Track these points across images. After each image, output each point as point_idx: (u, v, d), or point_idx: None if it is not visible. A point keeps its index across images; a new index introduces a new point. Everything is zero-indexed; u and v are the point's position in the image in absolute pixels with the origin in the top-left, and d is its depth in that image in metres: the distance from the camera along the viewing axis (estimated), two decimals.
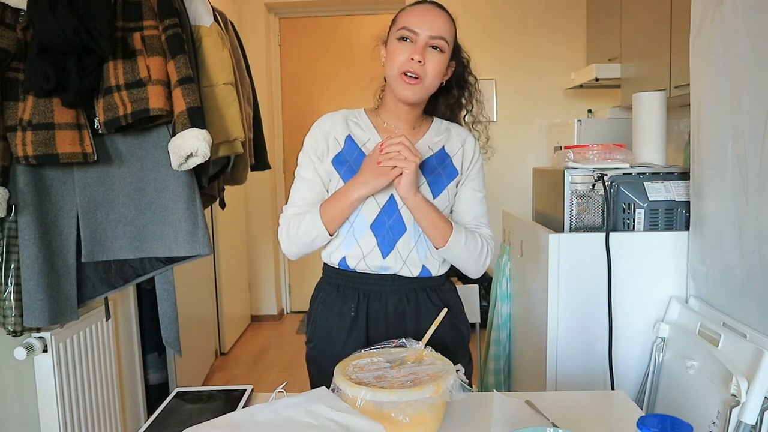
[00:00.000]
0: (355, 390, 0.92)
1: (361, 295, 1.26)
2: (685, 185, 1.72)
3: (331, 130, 1.25)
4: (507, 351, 2.33)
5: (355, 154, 1.23)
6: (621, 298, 1.70)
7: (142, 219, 1.66)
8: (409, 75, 1.15)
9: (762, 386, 1.24)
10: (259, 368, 3.41)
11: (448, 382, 0.93)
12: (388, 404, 0.89)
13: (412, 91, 1.17)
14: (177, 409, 1.11)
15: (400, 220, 1.22)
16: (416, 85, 1.16)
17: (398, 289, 1.25)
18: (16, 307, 1.55)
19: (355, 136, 1.25)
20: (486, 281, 3.75)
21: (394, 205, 1.22)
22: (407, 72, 1.15)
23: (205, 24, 1.74)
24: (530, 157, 3.88)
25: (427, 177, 1.23)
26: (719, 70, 1.45)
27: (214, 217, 3.38)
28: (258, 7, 4.08)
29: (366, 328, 1.25)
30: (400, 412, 0.89)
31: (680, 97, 2.33)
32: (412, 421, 0.90)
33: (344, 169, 1.23)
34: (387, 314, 1.25)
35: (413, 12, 1.17)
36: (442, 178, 1.24)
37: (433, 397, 0.90)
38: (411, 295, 1.26)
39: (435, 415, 0.96)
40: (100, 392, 1.94)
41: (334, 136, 1.25)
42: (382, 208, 1.22)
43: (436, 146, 1.26)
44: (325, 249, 1.29)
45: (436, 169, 1.24)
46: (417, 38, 1.15)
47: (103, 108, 1.53)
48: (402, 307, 1.26)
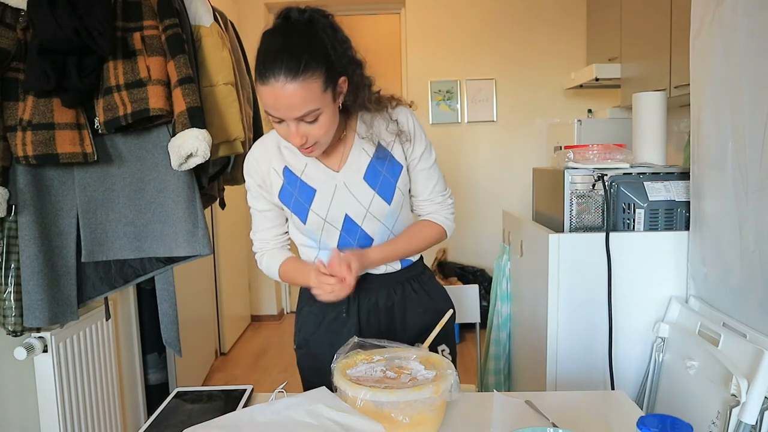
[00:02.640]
0: (355, 390, 0.92)
1: (350, 295, 1.24)
2: (685, 185, 1.72)
3: (268, 164, 1.20)
4: (507, 351, 2.33)
5: (297, 185, 1.19)
6: (621, 298, 1.70)
7: (142, 219, 1.66)
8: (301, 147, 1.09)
9: (762, 386, 1.24)
10: (259, 368, 3.41)
11: (448, 382, 0.93)
12: (388, 404, 0.89)
13: (312, 154, 1.12)
14: (177, 409, 1.11)
15: (364, 234, 1.22)
16: (313, 151, 1.10)
17: (385, 285, 1.27)
18: (16, 307, 1.55)
19: (291, 166, 1.19)
20: (486, 281, 3.75)
21: (353, 223, 1.20)
22: (299, 146, 1.08)
23: (205, 24, 1.74)
24: (530, 157, 3.88)
25: (375, 188, 1.18)
26: (719, 70, 1.44)
27: (214, 217, 3.38)
28: (258, 7, 4.08)
29: (358, 326, 1.26)
30: (400, 413, 0.89)
31: (680, 97, 2.33)
32: (412, 421, 0.90)
33: (292, 201, 1.20)
34: (378, 309, 1.27)
35: (265, 96, 1.02)
36: (389, 180, 1.19)
37: (432, 397, 0.90)
38: (398, 288, 1.28)
39: (435, 415, 0.96)
40: (100, 392, 1.94)
41: (273, 168, 1.20)
42: (342, 230, 1.21)
43: (370, 148, 1.19)
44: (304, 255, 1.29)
45: (380, 175, 1.19)
46: (287, 121, 1.04)
47: (103, 108, 1.53)
48: (391, 300, 1.27)
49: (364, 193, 1.18)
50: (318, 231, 1.21)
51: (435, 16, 3.94)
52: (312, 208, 1.18)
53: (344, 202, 1.18)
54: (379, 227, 1.22)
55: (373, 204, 1.19)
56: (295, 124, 1.04)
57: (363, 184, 1.18)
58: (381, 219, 1.21)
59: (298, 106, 1.01)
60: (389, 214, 1.21)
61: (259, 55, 1.02)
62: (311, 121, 1.04)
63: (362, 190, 1.18)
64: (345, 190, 1.18)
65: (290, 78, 0.98)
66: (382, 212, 1.20)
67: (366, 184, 1.18)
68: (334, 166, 1.20)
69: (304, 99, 1.00)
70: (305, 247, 1.27)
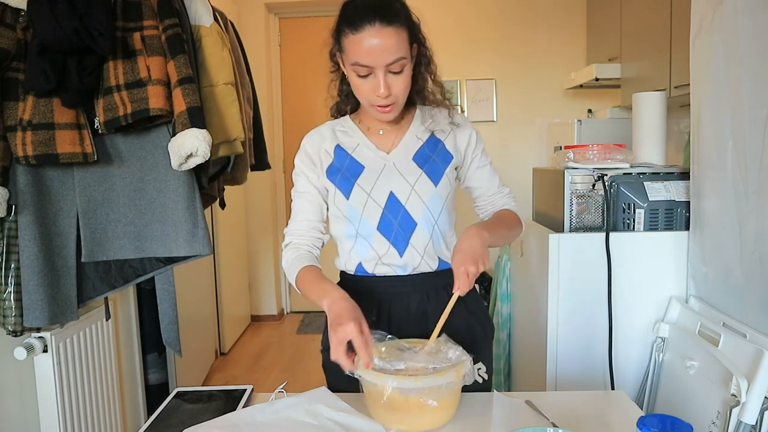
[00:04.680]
0: (382, 378, 0.94)
1: (382, 298, 1.23)
2: (685, 185, 1.72)
3: (320, 144, 1.24)
4: (507, 351, 2.33)
5: (346, 162, 1.21)
6: (621, 298, 1.70)
7: (142, 219, 1.66)
8: (380, 105, 1.12)
9: (762, 386, 1.24)
10: (259, 368, 3.41)
11: (465, 367, 0.98)
12: (415, 390, 0.94)
13: (388, 115, 1.15)
14: (177, 409, 1.11)
15: (407, 216, 1.19)
16: (390, 111, 1.14)
17: (419, 289, 1.24)
18: (16, 307, 1.55)
19: (343, 144, 1.23)
20: (486, 281, 3.75)
21: (397, 202, 1.19)
22: (377, 104, 1.12)
23: (205, 24, 1.74)
24: (530, 157, 3.88)
25: (423, 167, 1.21)
26: (719, 70, 1.44)
27: (214, 217, 3.38)
28: (258, 7, 4.08)
29: (389, 331, 1.24)
30: (428, 397, 0.94)
31: (680, 97, 2.33)
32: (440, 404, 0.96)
33: (338, 178, 1.21)
34: (409, 314, 1.23)
35: (359, 45, 1.06)
36: (438, 165, 1.22)
37: (455, 381, 0.96)
38: (431, 293, 1.24)
39: (453, 399, 1.02)
40: (100, 392, 1.94)
41: (324, 149, 1.23)
42: (385, 208, 1.19)
43: (424, 135, 1.24)
44: (338, 258, 1.28)
45: (430, 157, 1.22)
46: (374, 71, 1.08)
47: (103, 108, 1.53)
48: (423, 306, 1.24)
49: (412, 171, 1.20)
50: (360, 207, 1.20)
51: (435, 16, 3.93)
52: (357, 182, 1.19)
53: (390, 179, 1.19)
54: (423, 210, 1.20)
55: (419, 182, 1.19)
56: (383, 74, 1.08)
57: (412, 163, 1.20)
58: (425, 200, 1.19)
59: (392, 49, 1.06)
60: (434, 196, 1.20)
61: (350, 8, 1.08)
62: (398, 71, 1.09)
63: (410, 169, 1.20)
64: (393, 169, 1.20)
65: (386, 23, 1.05)
66: (427, 192, 1.20)
67: (414, 163, 1.21)
68: (385, 149, 1.22)
69: (397, 43, 1.07)
70: (344, 238, 1.24)
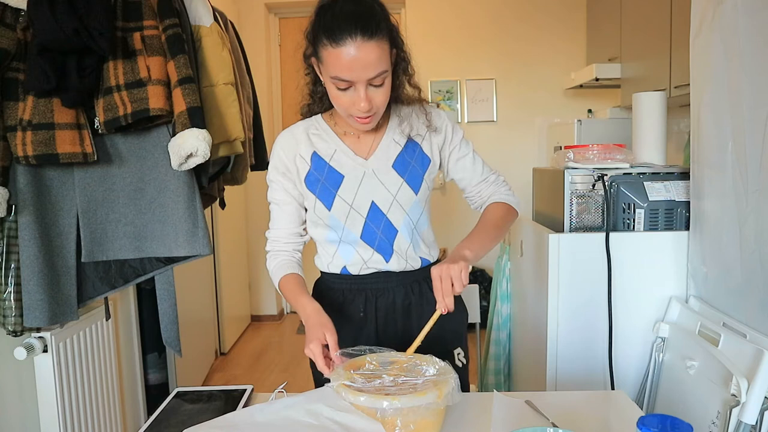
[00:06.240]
0: (354, 397, 0.90)
1: (368, 294, 1.25)
2: (685, 185, 1.72)
3: (295, 149, 1.21)
4: (507, 351, 2.33)
5: (325, 171, 1.19)
6: (621, 298, 1.70)
7: (142, 219, 1.66)
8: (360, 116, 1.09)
9: (762, 386, 1.24)
10: (259, 368, 3.41)
11: (449, 386, 0.91)
12: (391, 411, 0.87)
13: (368, 126, 1.13)
14: (177, 409, 1.11)
15: (389, 224, 1.20)
16: (370, 122, 1.11)
17: (403, 284, 1.26)
18: (16, 307, 1.55)
19: (320, 151, 1.20)
20: (486, 281, 3.75)
21: (379, 211, 1.20)
22: (357, 115, 1.09)
23: (205, 24, 1.74)
24: (530, 157, 3.88)
25: (404, 176, 1.20)
26: (719, 69, 1.44)
27: (214, 217, 3.38)
28: (258, 7, 4.08)
29: (375, 325, 1.26)
30: (404, 419, 0.87)
31: (680, 97, 2.33)
32: (417, 427, 0.88)
33: (318, 188, 1.20)
34: (395, 309, 1.26)
35: (339, 59, 1.02)
36: (417, 170, 1.21)
37: (436, 402, 0.88)
38: (415, 287, 1.27)
39: (437, 420, 0.94)
40: (100, 392, 1.94)
41: (299, 154, 1.21)
42: (367, 217, 1.20)
43: (401, 139, 1.22)
44: (319, 257, 1.29)
45: (409, 164, 1.21)
46: (355, 85, 1.05)
47: (103, 108, 1.53)
48: (408, 299, 1.26)
49: (393, 180, 1.19)
50: (342, 218, 1.19)
51: (435, 16, 3.94)
52: (339, 194, 1.18)
53: (372, 189, 1.18)
54: (404, 218, 1.20)
55: (401, 192, 1.19)
56: (364, 88, 1.05)
57: (392, 171, 1.19)
58: (406, 209, 1.20)
59: (374, 64, 1.02)
60: (415, 204, 1.21)
61: (328, 20, 1.03)
62: (379, 84, 1.06)
63: (391, 178, 1.19)
64: (373, 177, 1.19)
65: (367, 37, 1.00)
66: (408, 201, 1.20)
67: (395, 171, 1.19)
68: (363, 154, 1.20)
69: (379, 58, 1.03)
70: (326, 242, 1.25)
